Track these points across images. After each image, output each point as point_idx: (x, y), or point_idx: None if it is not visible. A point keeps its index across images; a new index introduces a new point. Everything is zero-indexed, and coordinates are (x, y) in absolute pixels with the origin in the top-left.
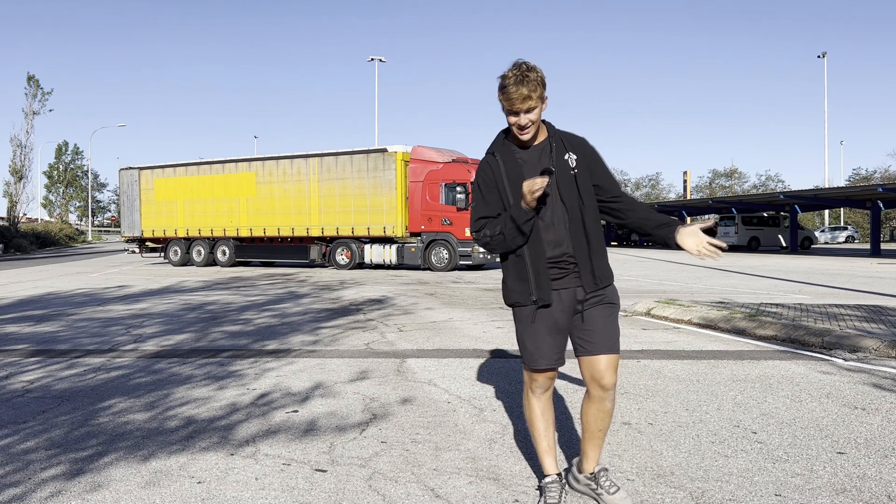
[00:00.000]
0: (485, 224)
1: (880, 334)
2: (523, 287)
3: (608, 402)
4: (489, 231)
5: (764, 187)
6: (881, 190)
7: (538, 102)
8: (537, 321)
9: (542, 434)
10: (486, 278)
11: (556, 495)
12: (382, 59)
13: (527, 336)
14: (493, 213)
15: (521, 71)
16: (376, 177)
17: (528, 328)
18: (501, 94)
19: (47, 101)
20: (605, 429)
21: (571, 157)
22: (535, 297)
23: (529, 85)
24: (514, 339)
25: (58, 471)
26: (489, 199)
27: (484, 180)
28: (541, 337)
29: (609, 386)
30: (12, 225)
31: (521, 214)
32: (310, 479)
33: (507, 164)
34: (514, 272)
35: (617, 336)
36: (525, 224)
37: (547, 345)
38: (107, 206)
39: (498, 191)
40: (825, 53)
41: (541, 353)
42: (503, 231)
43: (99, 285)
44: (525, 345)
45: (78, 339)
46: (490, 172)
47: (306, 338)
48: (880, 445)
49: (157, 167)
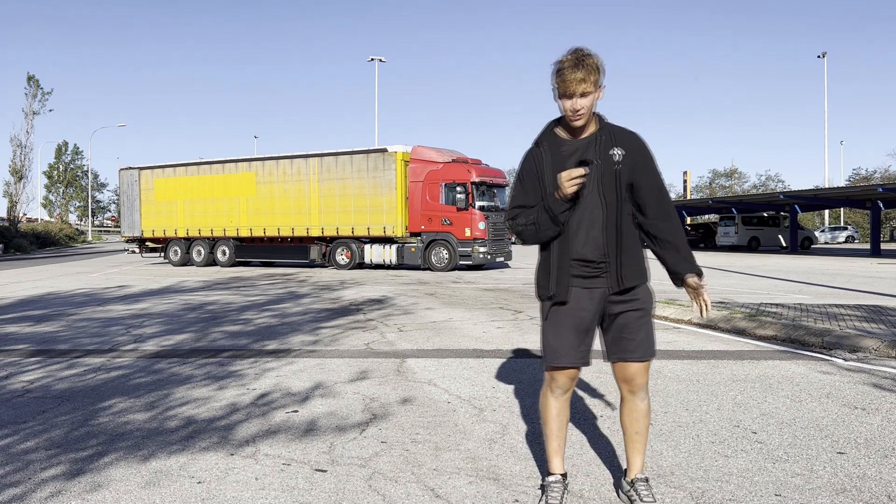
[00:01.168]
0: (520, 213)
1: (880, 334)
2: (546, 281)
3: (640, 402)
4: (523, 219)
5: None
6: (881, 190)
7: (593, 88)
8: (562, 318)
9: (554, 434)
10: (486, 278)
11: (557, 496)
12: (382, 59)
13: (549, 331)
14: (530, 203)
15: (579, 55)
16: (376, 177)
17: (550, 324)
18: (557, 77)
19: (47, 101)
20: (642, 431)
21: (618, 151)
22: (551, 292)
23: (586, 69)
24: (514, 340)
25: (58, 471)
26: (529, 189)
27: (527, 170)
28: (563, 333)
29: (638, 388)
30: (12, 225)
31: (557, 205)
32: (310, 479)
33: (553, 155)
34: (542, 266)
35: (653, 340)
36: (560, 214)
37: (569, 342)
38: (107, 206)
39: (539, 182)
40: (825, 53)
41: (562, 351)
42: (537, 220)
43: (99, 285)
44: (547, 341)
45: (78, 339)
46: (533, 163)
47: (306, 338)
48: (880, 445)
49: (157, 167)
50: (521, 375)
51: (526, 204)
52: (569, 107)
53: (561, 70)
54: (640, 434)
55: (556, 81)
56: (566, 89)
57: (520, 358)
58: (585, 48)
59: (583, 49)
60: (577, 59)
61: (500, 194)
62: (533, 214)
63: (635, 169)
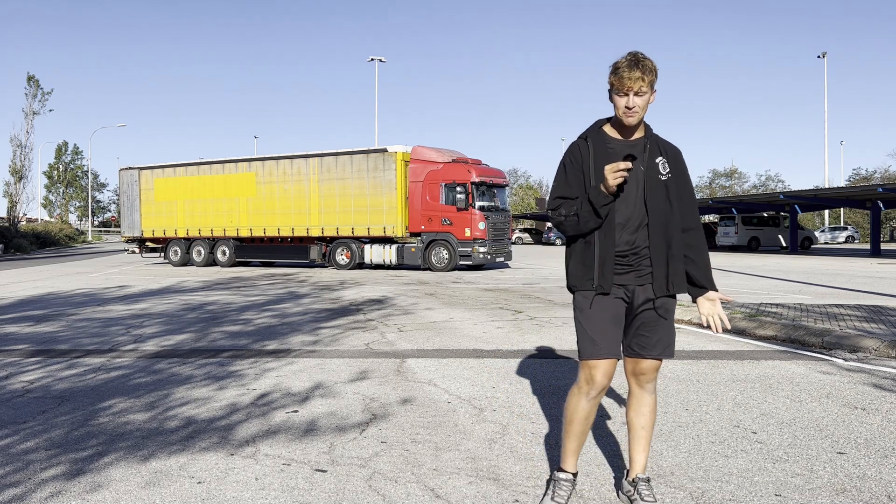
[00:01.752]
0: (562, 204)
1: (880, 334)
2: (585, 272)
3: (648, 396)
4: (565, 210)
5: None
6: (881, 190)
7: (648, 90)
8: (600, 310)
9: (576, 435)
10: (486, 278)
11: (564, 495)
12: (382, 59)
13: (587, 324)
14: (573, 195)
15: (637, 56)
16: (376, 177)
17: (588, 316)
18: (613, 75)
19: (47, 101)
20: (647, 426)
21: (663, 162)
22: (595, 282)
23: (643, 69)
24: (514, 340)
25: (58, 471)
26: (572, 181)
27: (571, 161)
28: (602, 325)
29: (647, 382)
30: (12, 225)
31: (600, 197)
32: (310, 479)
33: (597, 151)
34: (579, 257)
35: (672, 342)
36: (602, 207)
37: (609, 334)
38: (107, 206)
39: (583, 174)
40: (825, 53)
41: (601, 343)
42: (578, 212)
43: (99, 285)
44: (585, 333)
45: (78, 340)
46: (578, 154)
47: (306, 338)
48: (880, 445)
49: (157, 167)
50: (521, 375)
51: (568, 195)
52: (623, 104)
53: (618, 68)
54: (645, 430)
55: (613, 79)
56: (622, 86)
57: (520, 358)
58: (643, 53)
59: (641, 52)
60: (635, 58)
61: (500, 194)
62: (575, 206)
63: (677, 183)
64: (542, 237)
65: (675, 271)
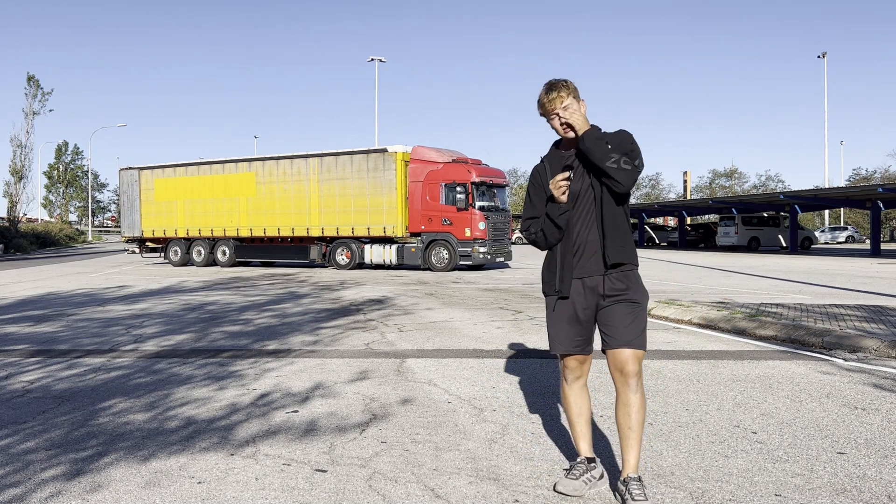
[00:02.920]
0: (532, 223)
1: (880, 334)
2: (550, 278)
3: (633, 395)
4: (534, 228)
5: (764, 187)
6: (881, 190)
7: (572, 101)
8: (558, 310)
9: (574, 420)
10: (486, 278)
11: (577, 474)
12: (382, 59)
13: (549, 324)
14: (538, 214)
15: (549, 82)
16: (376, 177)
17: (551, 316)
18: (539, 108)
19: (47, 101)
20: (635, 427)
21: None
22: (557, 287)
23: (556, 89)
24: (514, 340)
25: (58, 471)
26: (536, 202)
27: (533, 185)
28: (559, 325)
29: (630, 374)
30: (12, 225)
31: (554, 209)
32: (310, 479)
33: (554, 168)
34: (546, 264)
35: (640, 331)
36: (558, 217)
37: (563, 332)
38: (107, 206)
39: (545, 193)
40: (825, 53)
41: (558, 340)
42: (543, 227)
43: (99, 285)
44: (548, 331)
45: (78, 340)
46: (538, 178)
47: (306, 338)
48: (880, 445)
49: (157, 167)
50: (521, 375)
51: (536, 215)
52: (557, 124)
53: (539, 100)
54: (633, 430)
55: (540, 110)
56: (548, 111)
57: (520, 358)
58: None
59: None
60: (549, 84)
61: (500, 194)
62: (540, 223)
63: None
64: None
65: (612, 245)
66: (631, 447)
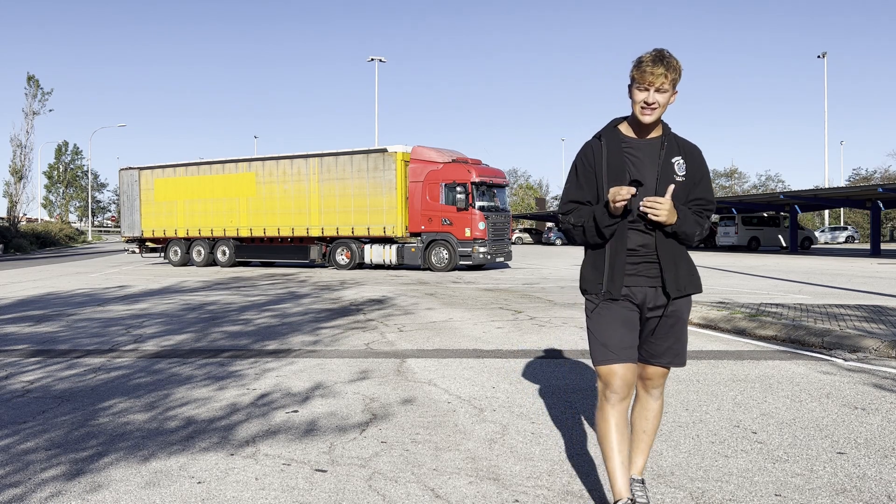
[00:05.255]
0: (574, 209)
1: (880, 334)
2: (595, 277)
3: (654, 401)
4: (574, 219)
5: (764, 187)
6: (881, 190)
7: (670, 87)
8: (610, 315)
9: (615, 450)
10: (486, 278)
11: None
12: (382, 59)
13: (596, 328)
14: (584, 199)
15: (661, 52)
16: (376, 177)
17: (597, 320)
18: (636, 69)
19: (47, 101)
20: (649, 430)
21: (680, 162)
22: (604, 287)
23: (666, 65)
24: (514, 340)
25: (58, 471)
26: (584, 184)
27: (583, 163)
28: (612, 327)
29: (654, 387)
30: (12, 225)
31: (604, 218)
32: (310, 479)
33: (611, 151)
34: (591, 260)
35: (683, 349)
36: (606, 228)
37: (618, 336)
38: (107, 206)
39: (595, 176)
40: (825, 53)
41: (611, 347)
42: (584, 225)
43: (99, 285)
44: (595, 338)
45: (78, 340)
46: (591, 156)
47: (306, 338)
48: (880, 445)
49: (157, 167)
50: (521, 375)
51: (580, 199)
52: (642, 98)
53: (641, 62)
54: (647, 433)
55: (635, 73)
56: (643, 80)
57: (519, 358)
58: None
59: (666, 50)
60: (661, 55)
61: (500, 194)
62: (584, 218)
63: (697, 186)
64: (542, 237)
65: (686, 273)
66: (642, 450)
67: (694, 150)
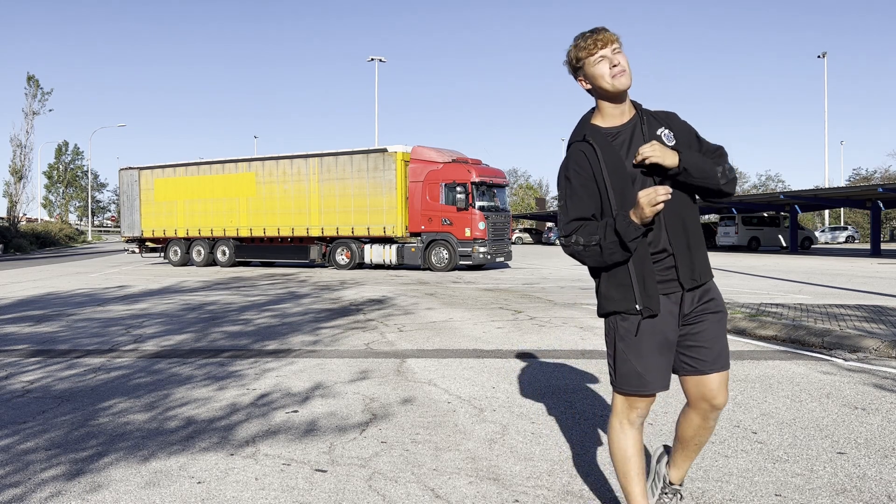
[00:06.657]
0: (579, 228)
1: (881, 334)
2: (624, 294)
3: (713, 421)
4: (583, 238)
5: (764, 187)
6: (881, 190)
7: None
8: (645, 336)
9: (637, 475)
10: (486, 278)
11: None
12: (382, 59)
13: (632, 354)
14: (588, 214)
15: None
16: (376, 177)
17: (632, 344)
18: (580, 48)
19: (47, 101)
20: (702, 444)
21: (665, 132)
22: (640, 305)
23: (606, 32)
24: (514, 340)
25: (58, 471)
26: (584, 196)
27: (577, 172)
28: (649, 356)
29: (722, 405)
30: (12, 225)
31: (631, 230)
32: (310, 479)
33: (604, 150)
34: (610, 276)
35: (728, 349)
36: (632, 242)
37: (658, 365)
38: (107, 206)
39: (596, 185)
40: (825, 53)
41: (651, 376)
42: (601, 243)
43: (99, 285)
44: (629, 364)
45: (78, 340)
46: (586, 162)
47: (306, 338)
48: (880, 445)
49: (157, 167)
50: (521, 375)
51: (584, 215)
52: (606, 66)
53: (577, 42)
54: (699, 447)
55: (579, 53)
56: (595, 46)
57: (520, 358)
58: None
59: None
60: (592, 29)
61: (500, 194)
62: (597, 234)
63: (692, 147)
64: (542, 237)
65: (700, 259)
66: (689, 458)
67: (671, 115)
